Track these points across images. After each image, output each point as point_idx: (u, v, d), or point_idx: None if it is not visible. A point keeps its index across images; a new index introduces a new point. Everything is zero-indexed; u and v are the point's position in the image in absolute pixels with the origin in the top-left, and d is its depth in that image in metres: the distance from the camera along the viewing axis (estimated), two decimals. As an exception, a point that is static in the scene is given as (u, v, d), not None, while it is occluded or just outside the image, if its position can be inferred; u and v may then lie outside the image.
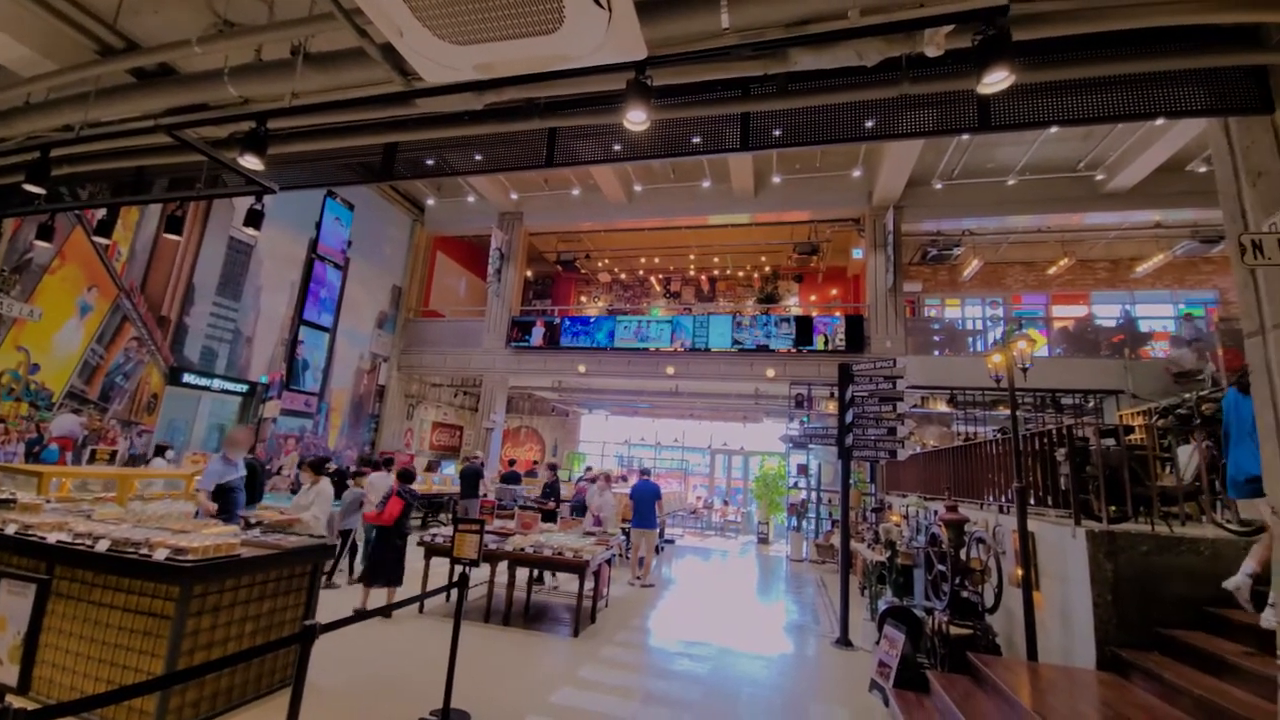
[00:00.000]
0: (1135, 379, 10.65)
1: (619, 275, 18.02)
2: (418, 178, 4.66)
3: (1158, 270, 13.28)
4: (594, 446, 19.66)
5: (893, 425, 6.78)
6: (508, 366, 13.73)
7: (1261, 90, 2.86)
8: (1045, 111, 3.12)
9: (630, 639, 6.01)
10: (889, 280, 11.79)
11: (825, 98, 3.04)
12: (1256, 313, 2.91)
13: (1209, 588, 4.25)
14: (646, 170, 13.06)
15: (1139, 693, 3.93)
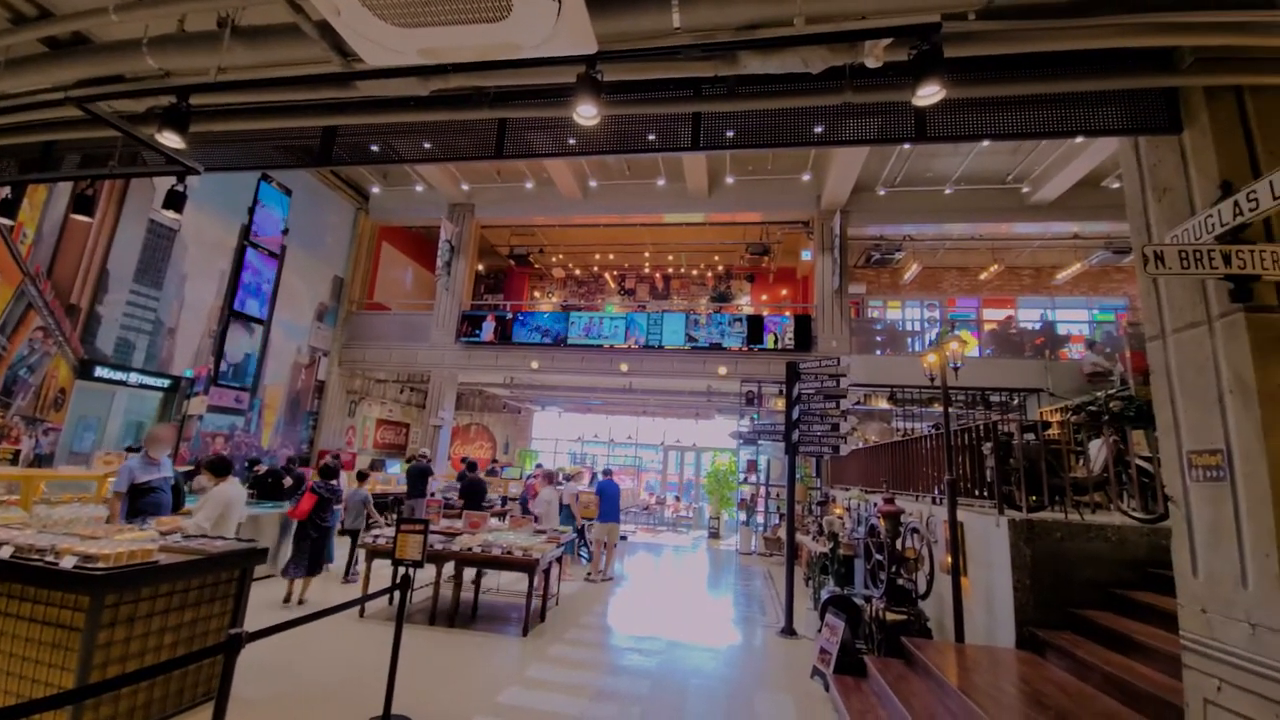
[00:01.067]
0: (1054, 378, 11.47)
1: (573, 271, 17.88)
2: (360, 164, 4.46)
3: (1075, 278, 14.33)
4: (547, 444, 19.46)
5: (836, 422, 7.04)
6: (457, 362, 13.38)
7: (1172, 111, 3.13)
8: (977, 126, 3.31)
9: (580, 636, 5.99)
10: (835, 282, 12.21)
11: (773, 102, 3.12)
12: (1158, 318, 3.19)
13: (1116, 571, 4.64)
14: (602, 166, 13.00)
15: (1053, 669, 4.24)
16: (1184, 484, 2.95)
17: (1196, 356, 2.89)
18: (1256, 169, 2.78)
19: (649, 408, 17.75)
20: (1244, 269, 2.58)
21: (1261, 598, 2.50)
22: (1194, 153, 3.00)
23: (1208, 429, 2.81)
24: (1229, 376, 2.70)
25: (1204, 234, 2.76)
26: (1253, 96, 2.90)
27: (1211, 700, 2.69)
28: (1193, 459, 2.88)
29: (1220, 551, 2.72)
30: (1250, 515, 2.58)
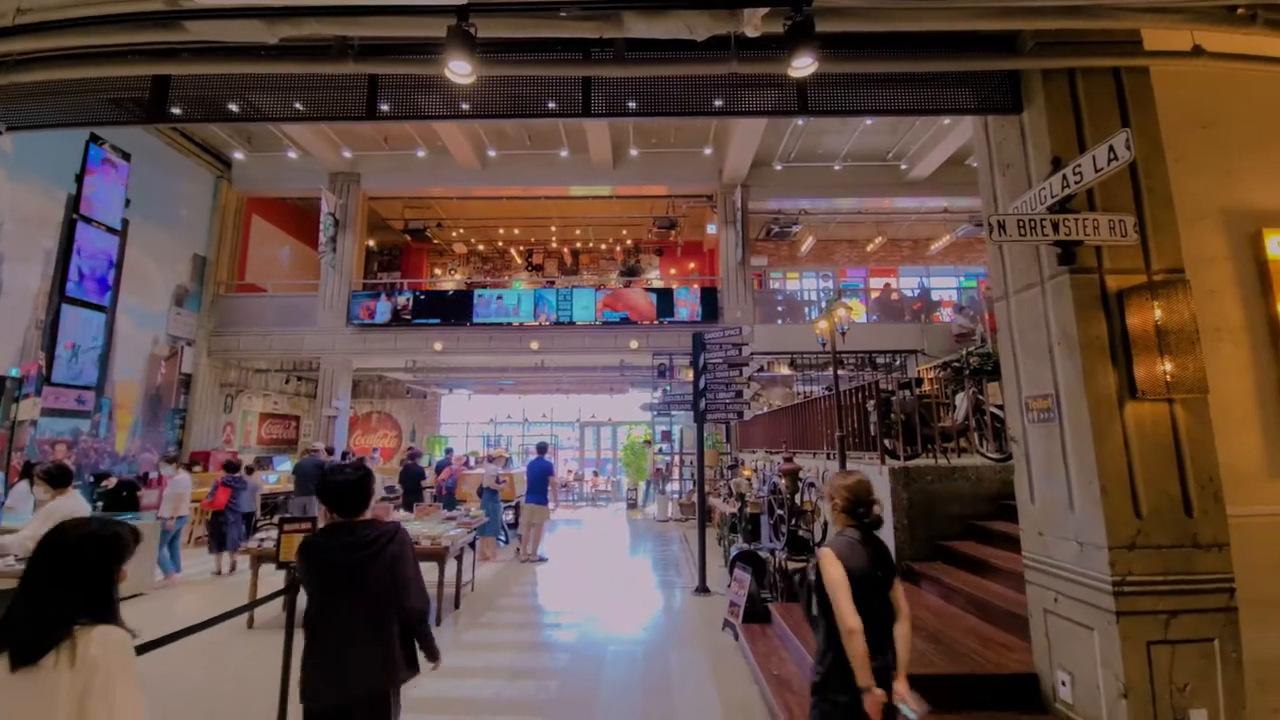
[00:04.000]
0: (929, 340, 12.73)
1: (476, 246, 17.07)
2: (205, 121, 3.90)
3: (946, 248, 15.87)
4: (457, 428, 18.74)
5: (740, 389, 7.35)
6: (350, 347, 12.41)
7: (1014, 93, 3.47)
8: (852, 101, 3.49)
9: (497, 619, 5.91)
10: (738, 254, 12.63)
11: (664, 69, 3.08)
12: (1002, 281, 3.59)
13: (976, 505, 5.29)
14: (500, 135, 12.39)
15: (927, 596, 4.79)
16: (1023, 425, 3.39)
17: (1032, 314, 3.29)
18: (1083, 146, 3.16)
19: (563, 385, 17.59)
20: (1069, 235, 2.94)
21: (1086, 520, 2.94)
22: (1031, 131, 3.35)
23: (1041, 376, 3.22)
24: (1057, 330, 3.11)
25: (1038, 205, 3.12)
26: (1083, 79, 3.28)
27: (1050, 610, 3.16)
28: (1029, 403, 3.31)
29: (1052, 482, 3.17)
30: (1075, 449, 3.01)
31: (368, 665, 2.20)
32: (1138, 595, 2.75)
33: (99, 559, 1.50)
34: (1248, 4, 2.77)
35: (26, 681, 1.32)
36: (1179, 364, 2.77)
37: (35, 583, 1.43)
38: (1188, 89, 3.39)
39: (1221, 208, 3.37)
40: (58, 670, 1.33)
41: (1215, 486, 2.87)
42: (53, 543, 1.47)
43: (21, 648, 1.33)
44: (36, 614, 1.38)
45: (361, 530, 2.31)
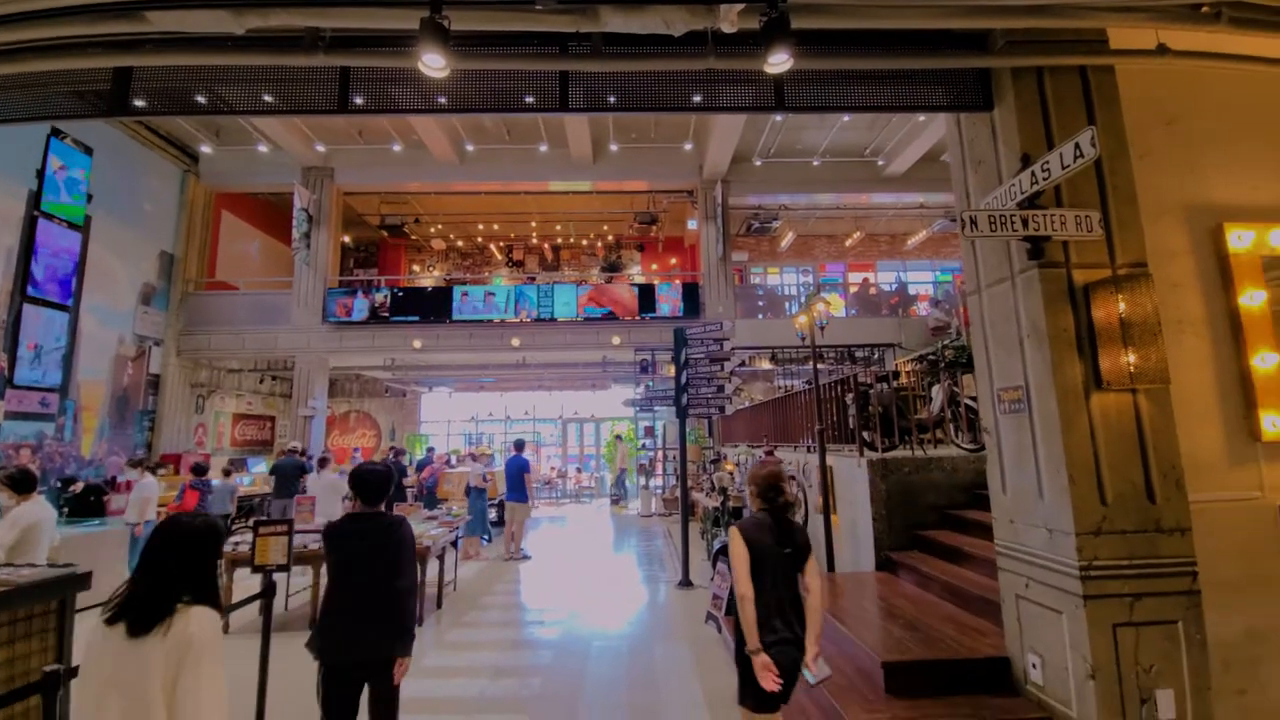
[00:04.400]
0: (906, 333, 12.95)
1: (455, 242, 16.85)
2: (171, 113, 3.77)
3: (922, 244, 16.13)
4: (437, 426, 18.52)
5: (722, 383, 7.40)
6: (327, 345, 12.18)
7: (985, 91, 3.53)
8: (828, 98, 3.52)
9: (480, 618, 5.88)
10: (719, 250, 12.68)
11: (641, 64, 3.07)
12: (975, 275, 3.67)
13: (951, 495, 5.40)
14: (478, 129, 12.24)
15: (905, 584, 4.89)
16: (995, 416, 3.47)
17: (1003, 307, 3.37)
18: (1051, 143, 3.23)
19: (545, 381, 17.50)
20: (1038, 231, 3.01)
21: (1054, 507, 3.02)
22: (1002, 128, 3.42)
23: (1011, 368, 3.30)
24: (1026, 323, 3.19)
25: (1009, 201, 3.18)
26: (1051, 77, 3.34)
27: (1021, 595, 3.25)
28: (1001, 395, 3.39)
29: (1023, 471, 3.25)
30: (1044, 439, 3.10)
31: (378, 633, 2.59)
32: (1104, 579, 2.84)
33: (211, 547, 1.76)
34: (1212, 2, 2.85)
35: (136, 648, 1.54)
36: (1142, 355, 2.86)
37: (159, 565, 1.67)
38: (1152, 87, 3.49)
39: (1184, 203, 3.48)
40: (159, 641, 1.55)
41: (1177, 474, 2.97)
42: (174, 531, 1.73)
43: (139, 619, 1.56)
44: (156, 592, 1.61)
45: (378, 519, 2.78)
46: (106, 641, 1.56)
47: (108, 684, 1.53)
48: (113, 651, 1.55)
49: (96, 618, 1.61)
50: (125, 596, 1.62)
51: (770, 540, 2.62)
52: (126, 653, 1.54)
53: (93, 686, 1.55)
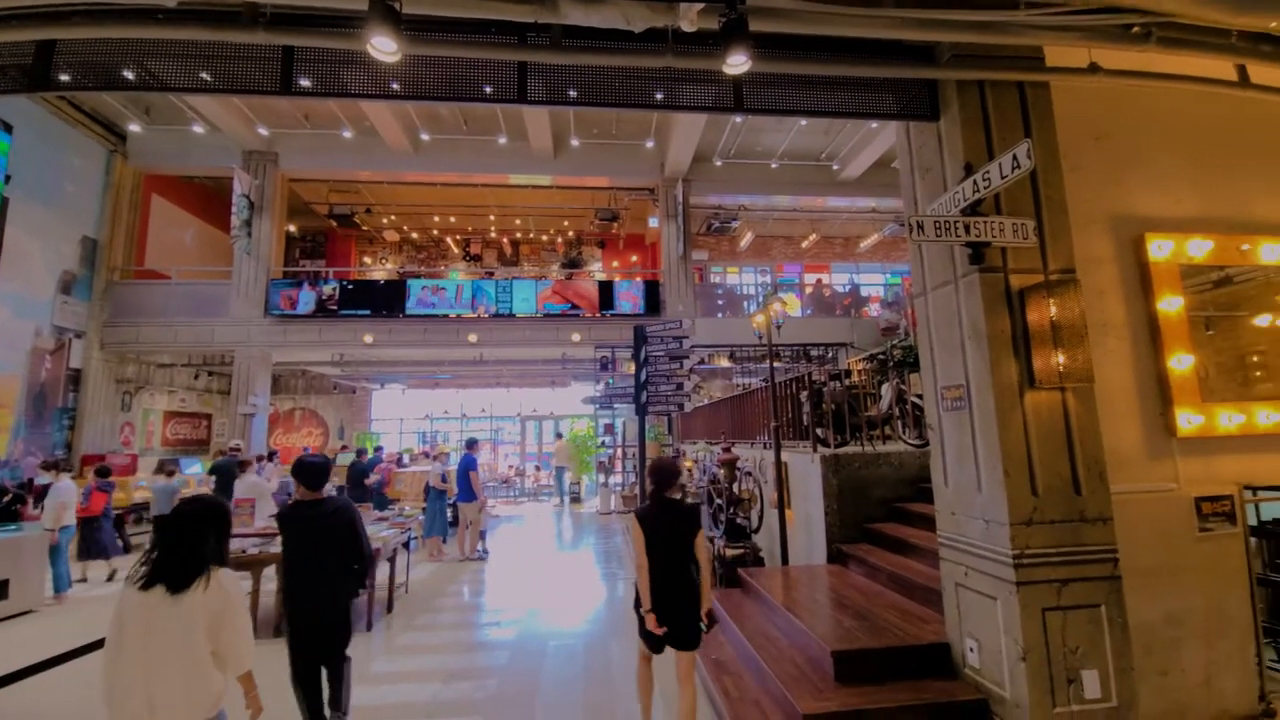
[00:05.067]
0: (858, 333, 13.40)
1: (409, 234, 16.32)
2: (96, 89, 3.48)
3: (874, 247, 16.70)
4: (389, 424, 17.92)
5: (681, 381, 7.45)
6: (269, 339, 11.58)
7: (932, 101, 3.68)
8: (785, 101, 3.59)
9: (433, 620, 5.74)
10: (680, 248, 12.76)
11: (600, 58, 3.04)
12: (921, 278, 3.82)
13: (898, 489, 5.62)
14: (433, 118, 11.88)
15: (854, 575, 5.06)
16: (939, 414, 3.62)
17: (947, 309, 3.52)
18: (991, 153, 3.40)
19: (503, 378, 17.21)
20: (979, 237, 3.16)
21: (991, 500, 3.19)
22: (947, 138, 3.57)
23: (954, 368, 3.46)
24: (968, 325, 3.34)
25: (953, 207, 3.33)
26: (992, 91, 3.51)
27: (961, 583, 3.41)
28: (944, 393, 3.54)
29: (963, 465, 3.41)
30: (982, 435, 3.26)
31: (330, 596, 3.17)
32: (1034, 566, 3.02)
33: (227, 520, 2.29)
34: (1142, 23, 3.04)
35: (178, 602, 2.03)
36: (1070, 356, 3.05)
37: (193, 534, 2.13)
38: (1084, 103, 3.71)
39: (1110, 214, 3.72)
40: (198, 595, 2.05)
41: (1100, 467, 3.18)
42: (200, 508, 2.21)
43: (177, 580, 2.04)
44: (192, 557, 2.09)
45: (321, 504, 3.23)
46: (144, 602, 2.02)
47: (149, 633, 1.98)
48: (152, 607, 2.01)
49: (125, 585, 2.07)
50: (156, 565, 2.07)
51: (662, 522, 3.27)
52: (168, 607, 2.01)
53: (133, 636, 1.98)
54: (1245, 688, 3.38)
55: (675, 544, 3.23)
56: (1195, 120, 3.89)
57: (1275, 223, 3.91)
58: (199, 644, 2.03)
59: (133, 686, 1.95)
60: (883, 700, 3.20)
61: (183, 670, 1.99)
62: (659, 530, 3.24)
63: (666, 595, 3.19)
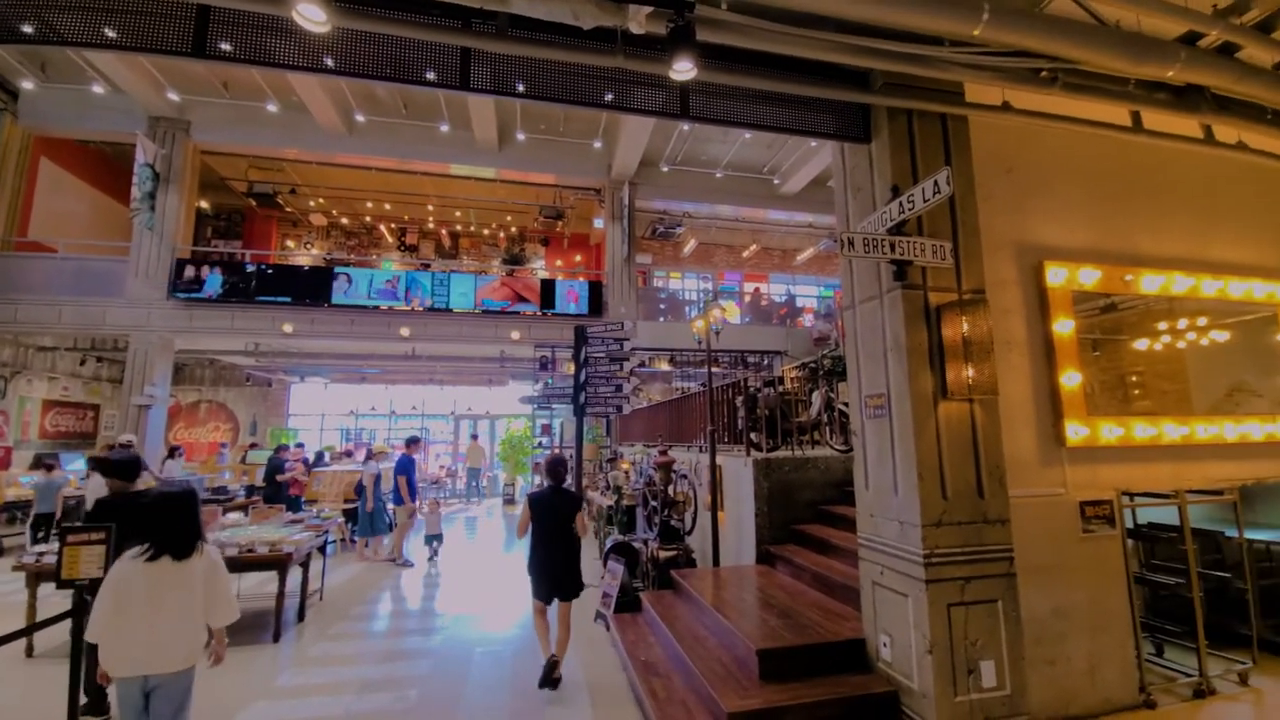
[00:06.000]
0: (792, 342, 13.93)
1: (339, 219, 15.42)
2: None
3: (810, 260, 17.44)
4: (309, 420, 16.82)
5: (620, 383, 7.46)
6: (172, 324, 10.58)
7: (866, 124, 3.88)
8: (729, 112, 3.68)
9: (349, 629, 5.41)
10: (624, 251, 12.79)
11: (547, 51, 2.99)
12: (851, 292, 4.02)
13: (825, 491, 5.87)
14: (371, 99, 11.29)
15: (780, 575, 5.23)
16: (862, 421, 3.82)
17: (872, 322, 3.72)
18: (916, 178, 3.63)
19: (437, 375, 16.58)
20: (903, 255, 3.36)
21: (906, 502, 3.38)
22: (878, 160, 3.78)
23: (877, 378, 3.65)
24: (890, 337, 3.54)
25: (881, 226, 3.52)
26: (918, 120, 3.75)
27: (877, 582, 3.60)
28: (867, 401, 3.74)
29: (882, 469, 3.61)
30: (900, 441, 3.46)
31: None
32: (942, 565, 3.23)
33: (198, 501, 2.81)
34: (1050, 68, 3.34)
35: (181, 568, 2.62)
36: (978, 370, 3.30)
37: (189, 514, 2.71)
38: (997, 139, 4.04)
39: (1015, 241, 4.06)
40: (197, 562, 2.67)
41: (1001, 473, 3.46)
42: (179, 496, 2.72)
43: (181, 550, 2.63)
44: (185, 532, 2.67)
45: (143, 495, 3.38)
46: (150, 570, 2.57)
47: (158, 594, 2.55)
48: (159, 574, 2.58)
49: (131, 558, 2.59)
50: (160, 542, 2.62)
51: (548, 504, 4.25)
52: (174, 573, 2.61)
53: (140, 598, 2.52)
54: (1126, 678, 3.76)
55: (560, 520, 4.22)
56: (1091, 160, 4.32)
57: (1155, 256, 4.40)
58: (198, 599, 2.64)
59: (137, 634, 2.49)
60: (803, 696, 3.32)
61: (182, 620, 2.59)
62: (548, 509, 4.23)
63: (551, 558, 4.18)
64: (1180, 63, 3.18)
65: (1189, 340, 4.67)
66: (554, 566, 4.18)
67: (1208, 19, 3.07)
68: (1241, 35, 3.15)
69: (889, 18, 2.80)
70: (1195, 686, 3.88)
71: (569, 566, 4.22)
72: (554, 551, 4.21)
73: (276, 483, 8.77)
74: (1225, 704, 3.76)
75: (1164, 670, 4.13)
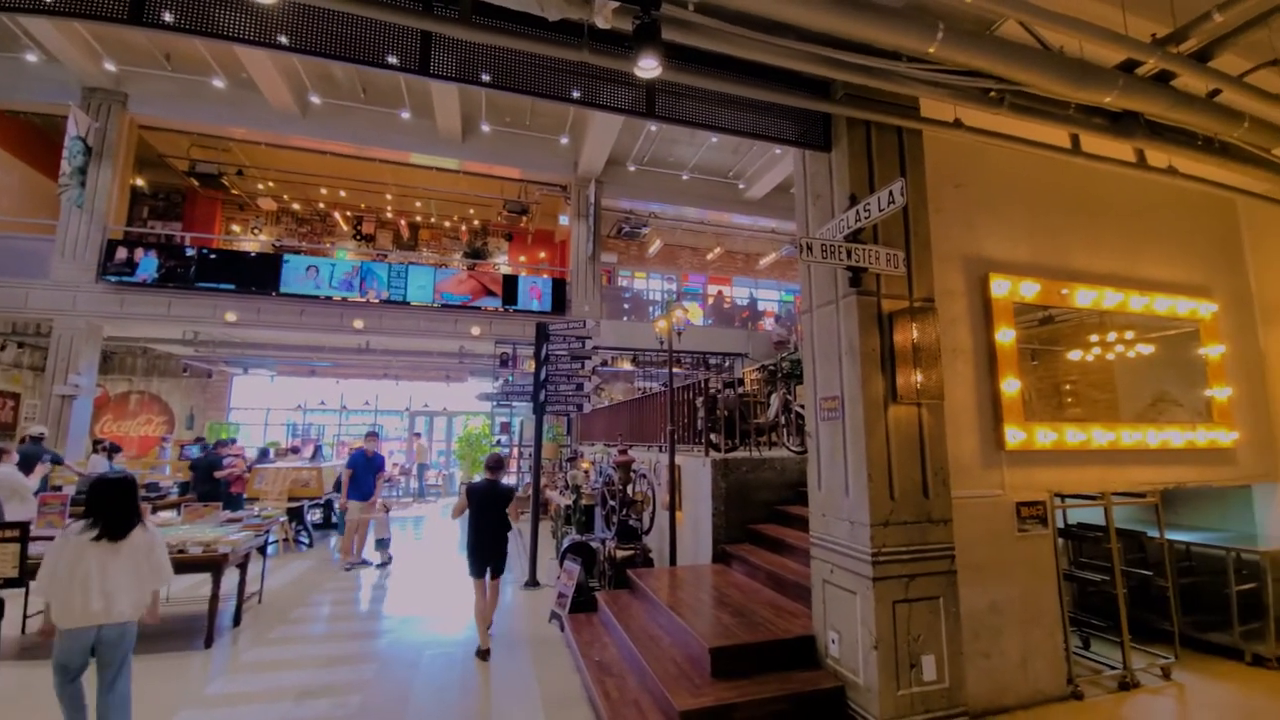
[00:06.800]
0: (753, 345, 14.16)
1: (290, 205, 14.74)
2: None
3: (772, 265, 17.76)
4: (253, 414, 16.00)
5: (581, 381, 7.40)
6: (101, 308, 9.89)
7: (827, 133, 3.97)
8: (695, 114, 3.70)
9: (289, 633, 5.17)
10: (589, 249, 12.71)
11: (511, 41, 2.92)
12: (809, 296, 4.10)
13: (780, 492, 5.98)
14: (327, 80, 10.85)
15: (735, 574, 5.29)
16: (817, 423, 3.90)
17: (829, 326, 3.81)
18: (873, 188, 3.73)
19: (392, 370, 16.06)
20: (859, 262, 3.45)
21: (856, 502, 3.48)
22: (837, 169, 3.87)
23: (831, 381, 3.74)
24: (845, 342, 3.63)
25: (838, 234, 3.60)
26: (876, 132, 3.86)
27: (827, 580, 3.68)
28: (822, 403, 3.82)
29: (834, 471, 3.69)
30: (851, 443, 3.55)
31: None
32: (889, 563, 3.34)
33: (136, 485, 3.27)
34: (998, 88, 3.50)
35: (120, 546, 3.04)
36: (926, 375, 3.42)
37: (116, 500, 3.09)
38: (949, 154, 4.20)
39: (963, 253, 4.24)
40: (136, 539, 3.10)
41: (944, 474, 3.60)
42: (120, 482, 3.16)
43: (119, 532, 3.04)
44: (123, 515, 3.08)
45: None
46: (93, 547, 2.95)
47: (106, 564, 2.95)
48: (103, 549, 2.97)
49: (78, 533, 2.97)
50: (105, 524, 3.00)
51: (483, 494, 4.96)
52: (115, 550, 3.00)
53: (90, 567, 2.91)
54: (1056, 671, 3.97)
55: (494, 508, 4.97)
56: (1034, 179, 4.55)
57: (1089, 272, 4.67)
58: (142, 565, 3.09)
59: (91, 592, 2.87)
60: (753, 693, 3.36)
61: (130, 581, 3.02)
62: (484, 498, 4.96)
63: (483, 540, 4.91)
64: (1118, 89, 3.38)
65: (1118, 352, 4.98)
66: (485, 547, 4.89)
67: (1146, 47, 3.27)
68: (1177, 64, 3.37)
69: (849, 29, 2.86)
70: (1120, 679, 4.13)
71: (497, 547, 4.94)
72: (486, 534, 4.89)
73: (214, 480, 8.30)
74: (1148, 696, 4.01)
75: (1091, 663, 4.39)
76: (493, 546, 4.93)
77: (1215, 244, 5.35)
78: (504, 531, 4.98)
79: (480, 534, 4.90)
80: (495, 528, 4.94)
